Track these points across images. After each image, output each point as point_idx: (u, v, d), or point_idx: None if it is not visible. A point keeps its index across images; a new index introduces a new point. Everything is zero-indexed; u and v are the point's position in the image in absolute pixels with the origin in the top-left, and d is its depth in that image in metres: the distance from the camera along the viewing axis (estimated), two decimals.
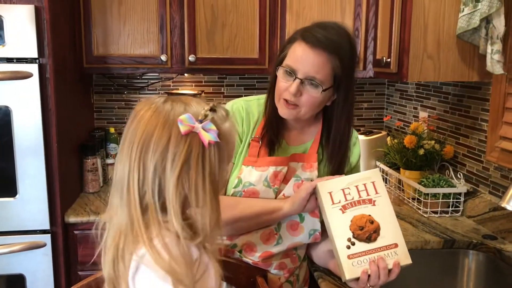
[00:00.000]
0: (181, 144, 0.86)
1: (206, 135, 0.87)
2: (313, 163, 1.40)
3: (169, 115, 0.88)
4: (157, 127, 0.87)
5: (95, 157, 2.28)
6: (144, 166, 0.87)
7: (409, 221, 1.86)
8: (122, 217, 0.90)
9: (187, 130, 0.86)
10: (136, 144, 0.87)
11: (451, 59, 1.76)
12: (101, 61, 2.23)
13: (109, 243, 0.92)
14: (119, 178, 0.90)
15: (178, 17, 2.22)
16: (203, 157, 0.87)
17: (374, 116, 2.79)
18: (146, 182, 0.87)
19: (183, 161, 0.86)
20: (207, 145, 0.87)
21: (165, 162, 0.86)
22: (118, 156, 0.92)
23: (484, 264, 1.64)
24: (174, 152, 0.86)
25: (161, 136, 0.86)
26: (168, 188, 0.86)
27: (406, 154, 2.08)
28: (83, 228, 2.00)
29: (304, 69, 1.27)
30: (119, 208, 0.91)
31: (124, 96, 2.63)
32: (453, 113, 2.08)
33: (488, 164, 1.84)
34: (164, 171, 0.86)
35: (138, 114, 0.90)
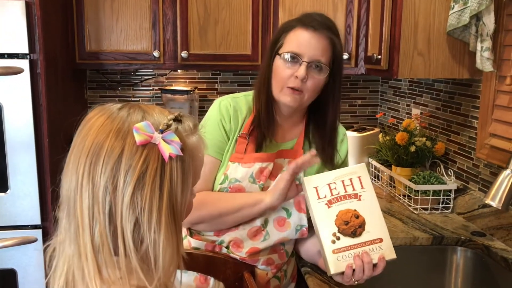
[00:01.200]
0: (136, 157, 0.73)
1: (166, 147, 0.74)
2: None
3: (124, 123, 0.76)
4: (109, 136, 0.74)
5: None
6: (93, 182, 0.73)
7: (399, 218, 1.87)
8: (69, 246, 0.76)
9: (144, 140, 0.74)
10: (84, 155, 0.74)
11: (442, 56, 1.76)
12: (94, 57, 2.23)
13: (58, 271, 0.78)
14: (65, 196, 0.77)
15: (170, 13, 2.22)
16: (162, 173, 0.74)
17: (368, 113, 2.80)
18: (96, 202, 0.73)
19: (137, 177, 0.72)
20: (167, 158, 0.74)
21: (117, 177, 0.73)
22: (64, 171, 0.78)
23: (472, 260, 1.65)
24: (127, 165, 0.73)
25: (113, 146, 0.73)
26: (118, 210, 0.73)
27: (397, 151, 2.09)
28: None
29: (309, 52, 1.28)
30: (66, 233, 0.76)
31: (118, 92, 2.63)
32: (444, 110, 2.09)
33: (478, 161, 1.85)
34: (115, 189, 0.73)
35: (89, 121, 0.78)
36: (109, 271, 0.74)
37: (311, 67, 1.29)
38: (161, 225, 0.74)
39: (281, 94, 1.33)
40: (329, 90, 1.36)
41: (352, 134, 2.39)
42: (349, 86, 2.75)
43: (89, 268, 0.73)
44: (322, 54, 1.29)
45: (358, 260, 1.19)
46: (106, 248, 0.73)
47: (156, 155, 0.75)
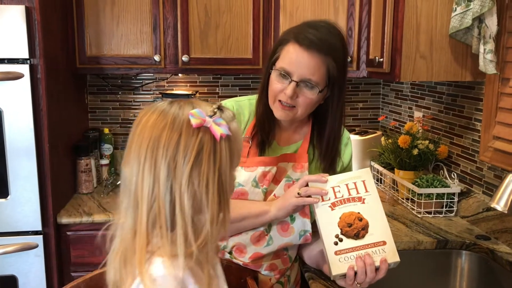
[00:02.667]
0: (193, 138, 0.84)
1: (217, 129, 0.85)
2: (303, 163, 1.40)
3: (178, 114, 0.87)
4: (167, 126, 0.85)
5: (89, 158, 2.27)
6: (155, 166, 0.84)
7: (403, 222, 1.85)
8: (127, 226, 0.87)
9: (199, 123, 0.84)
10: (145, 145, 0.84)
11: (444, 58, 1.75)
12: (94, 61, 2.22)
13: (115, 251, 0.89)
14: (127, 180, 0.87)
15: (171, 17, 2.21)
16: (215, 152, 0.85)
17: (370, 116, 2.78)
18: (157, 185, 0.83)
19: (194, 156, 0.83)
20: (218, 138, 0.85)
21: (177, 158, 0.83)
22: (126, 160, 0.88)
23: (477, 264, 1.64)
24: (185, 147, 0.83)
25: (171, 133, 0.84)
26: (177, 186, 0.83)
27: (400, 154, 2.08)
28: (76, 229, 1.99)
29: (299, 71, 1.26)
30: (126, 215, 0.88)
31: (119, 96, 2.62)
32: (447, 113, 2.07)
33: (481, 164, 1.83)
34: (175, 168, 0.83)
35: (143, 118, 0.88)
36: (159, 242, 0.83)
37: (302, 85, 1.27)
38: (215, 199, 0.85)
39: (274, 106, 1.33)
40: (330, 103, 1.34)
41: (354, 137, 2.38)
42: (351, 89, 2.74)
43: (140, 241, 0.83)
44: (312, 73, 1.26)
45: (360, 262, 1.18)
46: (162, 220, 0.83)
47: (209, 136, 0.85)
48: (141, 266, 0.82)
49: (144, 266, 0.83)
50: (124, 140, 2.64)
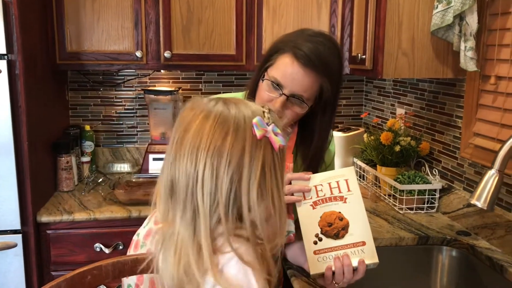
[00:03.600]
0: (258, 150, 0.81)
1: (276, 140, 0.83)
2: (288, 163, 1.39)
3: (239, 120, 0.83)
4: (229, 133, 0.81)
5: (70, 155, 2.24)
6: (217, 176, 0.80)
7: (385, 218, 1.86)
8: (184, 232, 0.83)
9: (262, 134, 0.82)
10: (204, 152, 0.80)
11: (426, 56, 1.76)
12: (75, 57, 2.19)
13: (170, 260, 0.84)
14: (182, 186, 0.83)
15: (153, 12, 2.19)
16: (274, 163, 0.84)
17: (353, 113, 2.79)
18: (219, 193, 0.81)
19: (261, 168, 0.81)
20: (277, 149, 0.83)
21: (242, 169, 0.80)
22: (177, 163, 0.84)
23: (457, 260, 1.65)
24: (250, 158, 0.81)
25: (234, 142, 0.80)
26: (247, 198, 0.81)
27: (382, 150, 2.08)
28: (56, 227, 1.96)
29: (292, 86, 1.24)
30: (181, 221, 0.84)
31: (100, 93, 2.59)
32: (429, 109, 2.09)
33: (462, 160, 1.85)
34: (240, 180, 0.81)
35: (193, 121, 0.84)
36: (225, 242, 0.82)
37: (292, 99, 1.26)
38: (282, 205, 0.85)
39: None
40: (319, 118, 1.33)
41: (337, 134, 2.38)
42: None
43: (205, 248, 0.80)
44: (305, 90, 1.25)
45: (338, 262, 1.18)
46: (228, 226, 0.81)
47: (269, 146, 0.83)
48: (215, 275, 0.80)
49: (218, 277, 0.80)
50: (106, 137, 2.62)
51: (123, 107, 2.61)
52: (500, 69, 1.61)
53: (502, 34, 1.60)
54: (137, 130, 2.64)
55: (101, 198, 2.15)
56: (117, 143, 2.63)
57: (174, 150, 0.84)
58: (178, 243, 0.83)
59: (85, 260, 1.96)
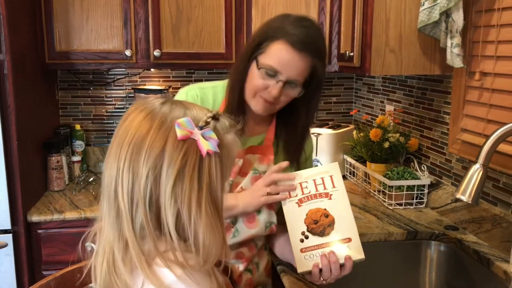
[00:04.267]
0: (177, 151, 0.77)
1: (205, 144, 0.78)
2: (270, 156, 1.42)
3: (167, 118, 0.79)
4: (152, 129, 0.78)
5: (60, 155, 2.24)
6: (134, 172, 0.77)
7: (374, 214, 1.88)
8: (110, 231, 0.81)
9: (184, 135, 0.78)
10: (126, 146, 0.78)
11: (413, 52, 1.77)
12: (64, 56, 2.18)
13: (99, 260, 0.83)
14: (106, 184, 0.81)
15: (142, 11, 2.19)
16: (200, 168, 0.78)
17: (343, 110, 2.81)
18: (137, 190, 0.77)
19: (177, 170, 0.77)
20: (204, 154, 0.78)
21: (159, 169, 0.77)
22: (106, 160, 0.82)
23: (445, 254, 1.67)
24: (169, 158, 0.77)
25: (155, 139, 0.77)
26: (161, 200, 0.77)
27: (371, 147, 2.10)
28: (47, 227, 1.96)
29: (288, 73, 1.26)
30: (107, 219, 0.81)
31: (90, 92, 2.58)
32: (417, 106, 2.11)
33: (450, 156, 1.87)
34: (156, 179, 0.77)
35: (130, 115, 0.82)
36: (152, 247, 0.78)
37: (287, 85, 1.28)
38: (201, 217, 0.78)
39: (253, 100, 1.32)
40: (306, 100, 1.35)
41: (327, 131, 2.40)
42: (324, 84, 2.75)
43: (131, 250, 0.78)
44: (300, 74, 1.27)
45: (325, 260, 1.19)
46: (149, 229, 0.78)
47: (195, 150, 0.78)
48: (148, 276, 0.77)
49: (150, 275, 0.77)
50: (96, 136, 2.61)
51: (113, 106, 2.61)
52: (485, 65, 1.63)
53: (486, 31, 1.61)
54: None
55: (92, 197, 2.15)
56: (108, 142, 2.62)
57: (108, 148, 0.83)
58: (105, 242, 0.82)
59: (77, 259, 1.96)
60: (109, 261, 0.80)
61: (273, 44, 1.26)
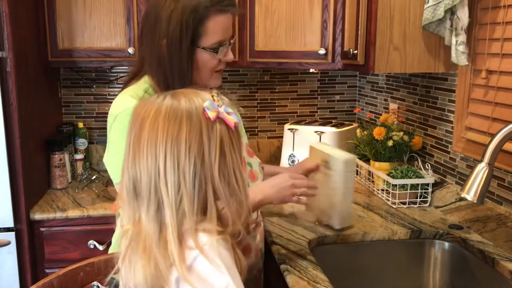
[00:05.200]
0: (214, 132, 0.84)
1: (230, 118, 0.86)
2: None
3: (191, 107, 0.85)
4: (183, 121, 0.83)
5: (63, 153, 2.24)
6: (178, 165, 0.82)
7: (378, 213, 1.87)
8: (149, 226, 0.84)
9: (216, 115, 0.84)
10: (162, 145, 0.82)
11: (417, 50, 1.76)
12: (67, 54, 2.18)
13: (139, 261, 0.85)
14: (144, 184, 0.84)
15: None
16: (232, 141, 0.87)
17: (346, 108, 2.80)
18: (183, 182, 0.82)
19: (219, 150, 0.84)
20: (233, 127, 0.86)
21: (202, 154, 0.83)
22: (136, 163, 0.84)
23: (449, 253, 1.66)
24: (208, 142, 0.83)
25: (190, 129, 0.83)
26: (210, 180, 0.84)
27: (375, 145, 2.09)
28: (50, 225, 1.96)
29: (229, 34, 1.32)
30: (143, 219, 0.85)
31: (93, 90, 2.58)
32: (421, 104, 2.09)
33: (454, 154, 1.86)
34: (202, 163, 0.83)
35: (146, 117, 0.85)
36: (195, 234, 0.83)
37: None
38: (244, 181, 0.87)
39: (211, 80, 1.34)
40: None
41: (330, 129, 2.38)
42: (327, 82, 2.75)
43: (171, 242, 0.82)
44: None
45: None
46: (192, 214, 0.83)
47: (224, 126, 0.86)
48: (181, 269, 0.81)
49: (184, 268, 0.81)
50: (99, 134, 2.61)
51: None
52: (490, 63, 1.61)
53: (492, 28, 1.60)
54: None
55: (95, 195, 2.15)
56: None
57: (132, 151, 0.85)
58: (146, 241, 0.84)
59: (79, 257, 1.96)
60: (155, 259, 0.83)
61: (207, 23, 1.24)
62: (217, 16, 1.25)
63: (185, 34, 1.23)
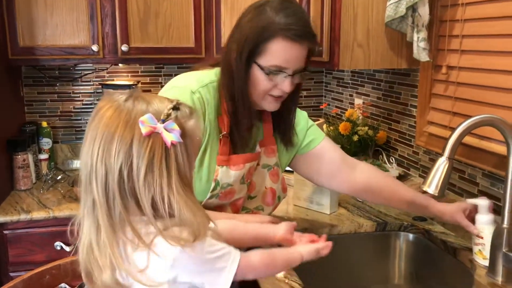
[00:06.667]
0: (144, 145, 0.84)
1: (168, 136, 0.85)
2: (272, 146, 1.44)
3: (131, 115, 0.86)
4: (119, 127, 0.84)
5: (26, 153, 2.18)
6: (107, 166, 0.84)
7: (345, 206, 1.90)
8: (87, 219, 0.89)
9: (149, 131, 0.84)
10: (98, 142, 0.85)
11: (380, 47, 1.80)
12: (28, 52, 2.13)
13: (81, 244, 0.90)
14: (83, 177, 0.88)
15: (109, 5, 2.15)
16: (167, 157, 0.85)
17: (313, 104, 2.83)
18: (111, 182, 0.84)
19: (146, 163, 0.84)
20: (169, 145, 0.85)
21: (131, 162, 0.84)
22: (81, 153, 0.89)
23: (414, 244, 1.71)
24: (138, 152, 0.84)
25: (122, 136, 0.84)
26: (136, 188, 0.85)
27: (341, 140, 2.12)
28: (14, 227, 1.92)
29: (295, 66, 1.25)
30: (84, 208, 0.89)
31: (57, 88, 2.53)
32: (385, 99, 2.14)
33: (417, 148, 1.91)
34: (130, 171, 0.84)
35: (99, 111, 0.88)
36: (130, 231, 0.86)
37: (294, 75, 1.27)
38: (175, 198, 0.85)
39: (264, 102, 1.31)
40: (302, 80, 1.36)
41: None
42: None
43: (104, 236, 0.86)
44: (303, 61, 1.27)
45: None
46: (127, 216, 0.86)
47: (160, 142, 0.85)
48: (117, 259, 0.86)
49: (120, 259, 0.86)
50: (64, 133, 2.56)
51: (81, 102, 2.56)
52: (450, 59, 1.66)
53: (452, 25, 1.65)
54: None
55: (61, 196, 2.11)
56: (76, 139, 2.57)
57: (83, 142, 0.89)
58: (83, 228, 0.89)
59: (46, 259, 1.92)
60: (88, 247, 0.88)
61: (271, 44, 1.22)
62: (283, 41, 1.21)
63: (247, 44, 1.22)
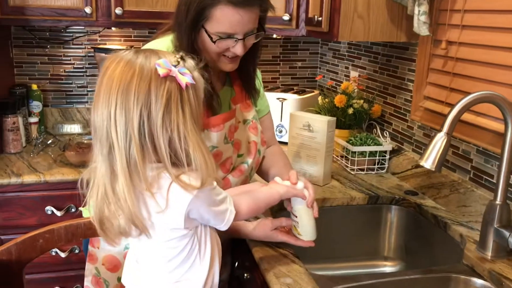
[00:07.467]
0: (162, 87, 0.91)
1: (182, 78, 0.93)
2: (247, 101, 1.47)
3: (145, 63, 0.93)
4: (135, 75, 0.91)
5: (16, 116, 2.15)
6: (126, 113, 0.90)
7: (337, 179, 1.91)
8: (102, 166, 0.95)
9: (165, 73, 0.92)
10: (114, 93, 0.90)
11: (381, 19, 1.77)
12: (18, 12, 2.06)
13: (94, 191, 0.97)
14: (98, 127, 0.93)
15: None
16: (182, 99, 0.93)
17: (308, 75, 2.81)
18: (130, 129, 0.90)
19: (165, 104, 0.91)
20: (184, 87, 0.93)
21: (149, 106, 0.91)
22: (94, 107, 0.94)
23: (405, 218, 1.73)
24: (155, 96, 0.91)
25: (140, 82, 0.91)
26: (154, 131, 0.92)
27: (336, 113, 2.12)
28: (4, 190, 1.90)
29: (243, 29, 1.25)
30: (99, 156, 0.95)
31: (47, 50, 2.47)
32: (381, 73, 2.13)
33: (412, 123, 1.91)
34: (149, 115, 0.91)
35: (109, 67, 0.94)
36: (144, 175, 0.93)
37: (245, 38, 1.27)
38: (189, 136, 0.94)
39: (219, 63, 1.32)
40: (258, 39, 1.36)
41: (292, 96, 2.39)
42: (290, 48, 2.74)
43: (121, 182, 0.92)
44: (253, 23, 1.27)
45: None
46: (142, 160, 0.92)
47: (176, 85, 0.93)
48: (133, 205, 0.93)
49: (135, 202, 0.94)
50: (54, 97, 2.51)
51: (72, 65, 2.51)
52: (451, 34, 1.64)
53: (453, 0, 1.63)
54: (88, 90, 2.55)
55: (51, 160, 2.09)
56: (66, 103, 2.53)
57: (95, 95, 0.95)
58: (99, 177, 0.96)
59: (36, 223, 1.92)
60: (103, 193, 0.96)
61: (216, 10, 1.22)
62: (227, 8, 1.20)
63: (194, 13, 1.23)
